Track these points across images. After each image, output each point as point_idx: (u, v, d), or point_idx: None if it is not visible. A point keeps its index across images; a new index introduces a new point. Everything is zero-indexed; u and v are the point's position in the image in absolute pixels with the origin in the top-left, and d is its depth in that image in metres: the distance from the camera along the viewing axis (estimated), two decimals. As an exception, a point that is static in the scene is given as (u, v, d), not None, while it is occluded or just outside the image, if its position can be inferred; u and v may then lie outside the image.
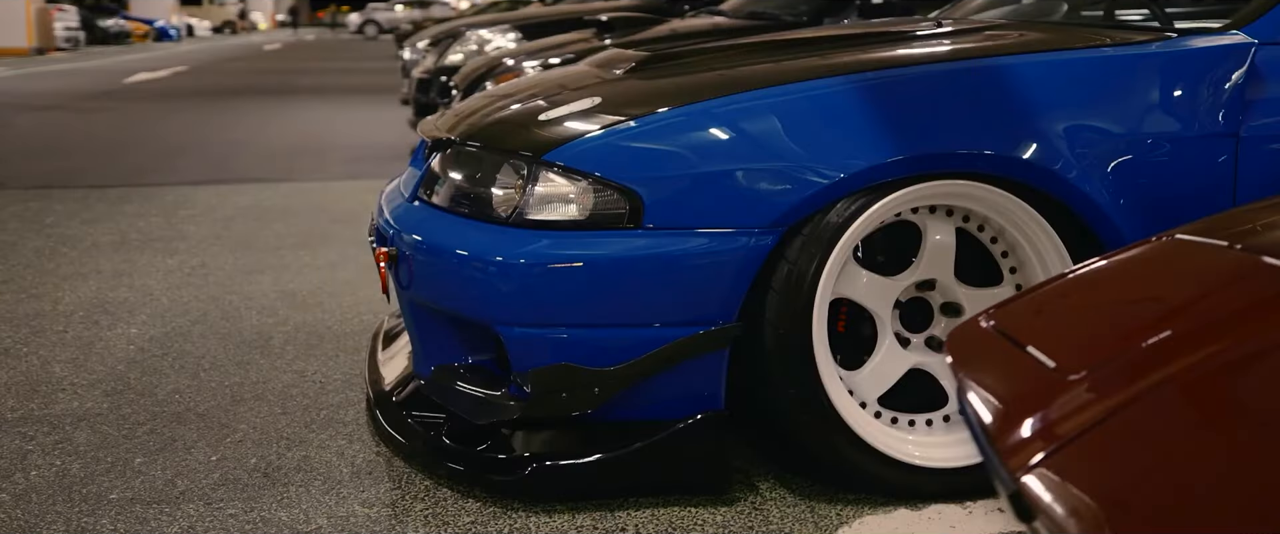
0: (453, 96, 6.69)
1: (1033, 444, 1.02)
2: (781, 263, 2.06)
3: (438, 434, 2.26)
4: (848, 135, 2.07)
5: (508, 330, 2.11)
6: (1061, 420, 1.04)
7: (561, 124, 2.24)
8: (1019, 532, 1.99)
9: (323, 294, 3.74)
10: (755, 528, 2.03)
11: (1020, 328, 1.22)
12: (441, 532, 2.03)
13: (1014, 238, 2.17)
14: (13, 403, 2.70)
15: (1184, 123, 2.17)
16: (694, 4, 6.75)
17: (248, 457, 2.38)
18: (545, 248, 2.07)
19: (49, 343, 3.18)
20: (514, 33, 6.89)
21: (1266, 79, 2.20)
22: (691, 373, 2.08)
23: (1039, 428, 1.05)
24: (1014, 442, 1.03)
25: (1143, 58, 2.20)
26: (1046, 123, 2.11)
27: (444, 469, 2.23)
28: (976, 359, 1.22)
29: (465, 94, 4.89)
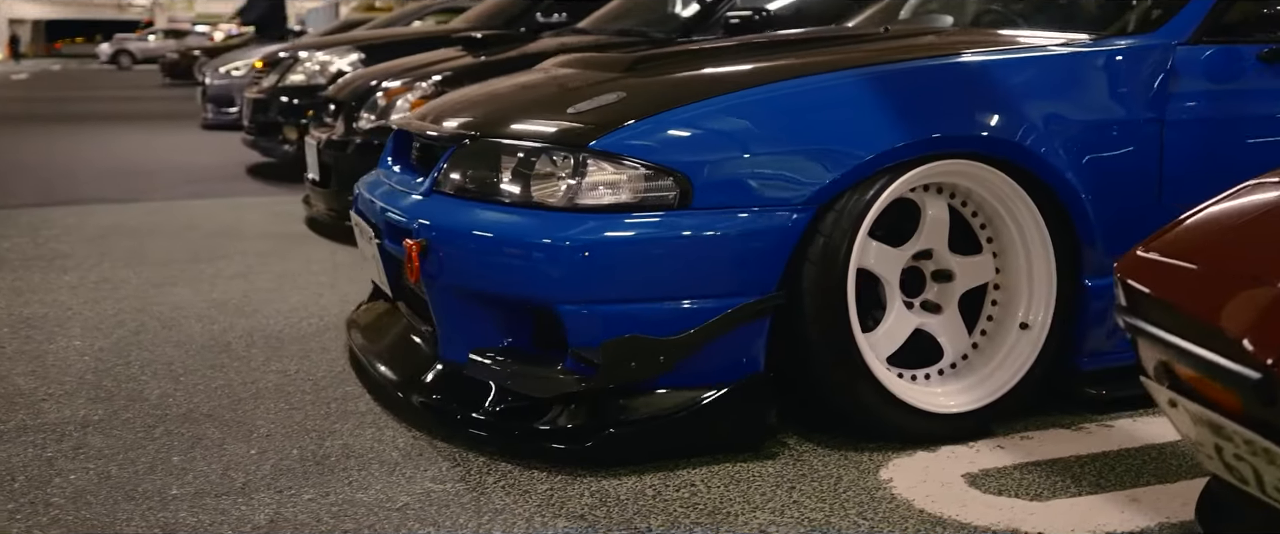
0: (309, 116, 6.64)
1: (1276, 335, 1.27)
2: (816, 237, 2.29)
3: (490, 412, 2.37)
4: (873, 120, 2.33)
5: (568, 308, 2.25)
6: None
7: (597, 116, 2.40)
8: (1023, 462, 2.30)
9: (253, 302, 3.71)
10: (806, 475, 2.25)
11: (1196, 251, 1.49)
12: (523, 499, 2.14)
13: (995, 211, 2.48)
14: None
15: (1125, 109, 2.54)
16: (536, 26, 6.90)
17: (288, 448, 2.41)
18: (605, 230, 2.24)
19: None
20: (356, 54, 6.87)
21: (1182, 74, 2.60)
22: (739, 340, 2.29)
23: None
24: (1256, 334, 1.28)
25: (1092, 55, 2.57)
26: (1025, 109, 2.43)
27: (501, 444, 2.35)
28: (1165, 279, 1.48)
29: (347, 110, 4.90)
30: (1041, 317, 2.48)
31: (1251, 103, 2.68)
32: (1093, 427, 2.52)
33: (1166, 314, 1.46)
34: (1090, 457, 2.35)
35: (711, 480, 2.22)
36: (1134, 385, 2.59)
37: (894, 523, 2.03)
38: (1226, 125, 2.65)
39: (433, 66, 4.85)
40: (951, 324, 2.50)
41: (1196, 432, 1.51)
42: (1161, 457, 2.35)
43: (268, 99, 7.00)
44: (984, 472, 2.27)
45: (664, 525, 2.03)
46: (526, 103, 2.71)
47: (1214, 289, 1.43)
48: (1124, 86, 2.56)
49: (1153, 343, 1.50)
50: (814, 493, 2.16)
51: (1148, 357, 1.55)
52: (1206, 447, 1.52)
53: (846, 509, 2.09)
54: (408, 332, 2.85)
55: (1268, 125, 2.68)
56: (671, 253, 2.24)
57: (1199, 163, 2.60)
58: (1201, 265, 1.47)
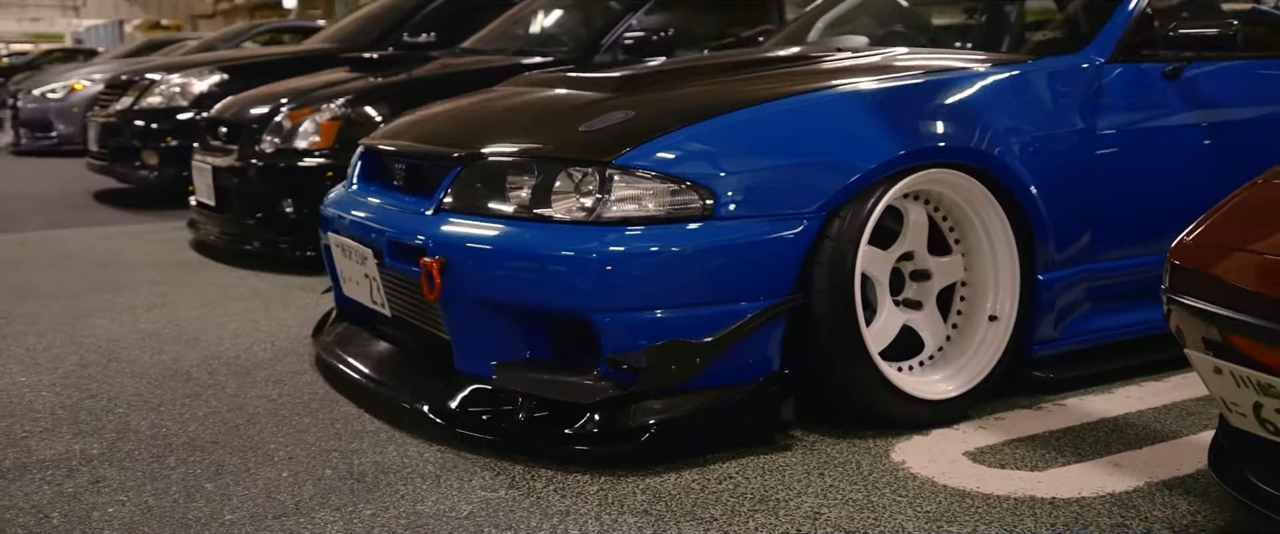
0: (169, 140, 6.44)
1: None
2: (826, 241, 2.48)
3: (519, 421, 2.46)
4: (873, 133, 2.55)
5: (602, 317, 2.37)
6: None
7: (614, 133, 2.53)
8: (1008, 440, 2.55)
9: (189, 331, 3.64)
10: (829, 462, 2.43)
11: (1242, 235, 1.74)
12: (581, 501, 2.24)
13: (964, 214, 2.73)
14: (-15, 455, 2.52)
15: (1067, 120, 2.85)
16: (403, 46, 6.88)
17: (318, 469, 2.43)
18: (637, 242, 2.37)
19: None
20: (217, 76, 6.70)
21: (1106, 90, 2.93)
22: (759, 340, 2.45)
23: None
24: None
25: (1041, 72, 2.86)
26: (991, 122, 2.70)
27: (535, 451, 2.44)
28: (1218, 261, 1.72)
29: (247, 133, 4.80)
30: (1007, 309, 2.75)
31: (1160, 113, 3.03)
32: (1049, 406, 2.80)
33: (1219, 290, 1.71)
34: (1061, 431, 2.62)
35: (746, 472, 2.38)
36: (1077, 368, 2.92)
37: (927, 498, 2.24)
38: (1141, 134, 2.99)
39: (334, 88, 4.82)
40: (932, 319, 2.74)
41: (1238, 393, 1.76)
42: (1119, 428, 2.64)
43: (121, 123, 6.74)
44: (979, 449, 2.51)
45: (726, 514, 2.17)
46: (526, 122, 2.80)
47: (1263, 267, 1.68)
48: (1065, 100, 2.86)
49: (1201, 317, 1.75)
50: (844, 477, 2.35)
51: (1192, 331, 1.80)
52: (1243, 406, 1.78)
53: (880, 489, 2.28)
54: (403, 349, 2.89)
55: (1173, 133, 3.04)
56: (699, 261, 2.39)
57: (1121, 167, 2.92)
58: (1250, 248, 1.73)
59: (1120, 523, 2.11)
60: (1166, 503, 2.20)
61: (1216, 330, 1.74)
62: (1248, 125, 3.15)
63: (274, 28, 11.41)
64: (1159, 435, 2.58)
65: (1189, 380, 2.96)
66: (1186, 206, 3.02)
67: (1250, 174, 3.14)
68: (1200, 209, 3.05)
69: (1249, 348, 1.70)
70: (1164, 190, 3.00)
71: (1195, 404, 2.80)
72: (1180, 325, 1.83)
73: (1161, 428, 2.63)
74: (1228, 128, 3.10)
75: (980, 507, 2.19)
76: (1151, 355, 3.00)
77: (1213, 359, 1.77)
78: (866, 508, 2.19)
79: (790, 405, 2.52)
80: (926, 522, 2.13)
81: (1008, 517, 2.15)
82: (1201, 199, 3.05)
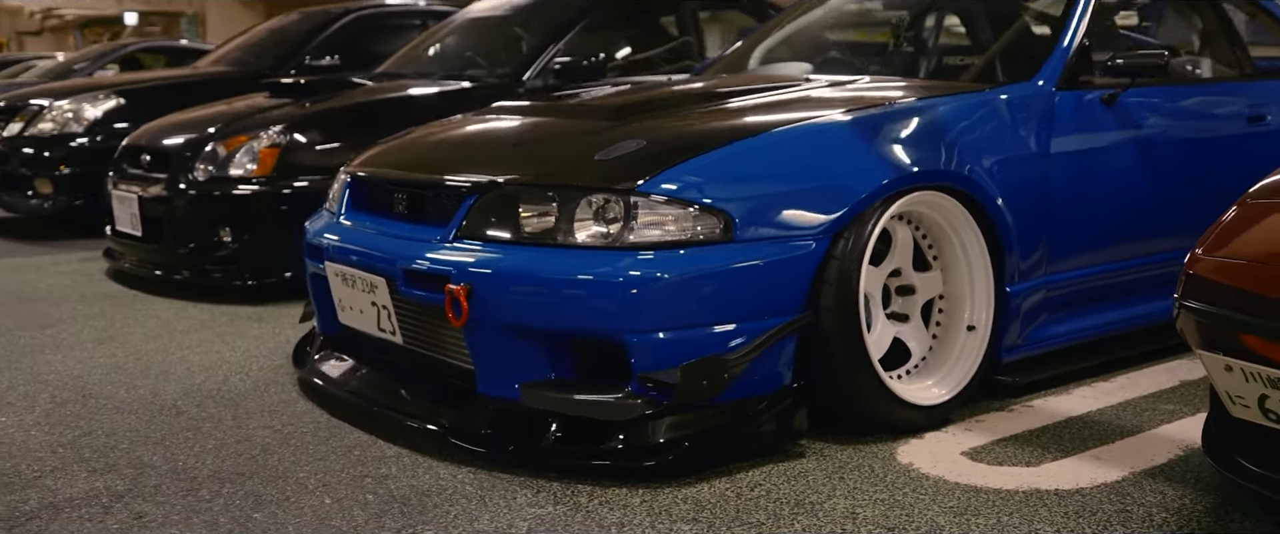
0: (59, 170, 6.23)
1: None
2: (832, 261, 2.65)
3: (550, 441, 2.56)
4: (873, 158, 2.74)
5: (633, 337, 2.49)
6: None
7: (632, 161, 2.65)
8: (996, 439, 2.77)
9: (154, 365, 3.59)
10: (845, 466, 2.60)
11: (1254, 250, 1.98)
12: (630, 513, 2.35)
13: (943, 232, 2.95)
14: (8, 498, 2.47)
15: (1025, 142, 3.10)
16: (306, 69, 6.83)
17: (358, 495, 2.47)
18: (664, 265, 2.50)
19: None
20: (113, 101, 6.53)
21: (1059, 114, 3.20)
22: (775, 355, 2.61)
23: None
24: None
25: (1004, 99, 3.11)
26: (968, 145, 2.93)
27: (569, 468, 2.54)
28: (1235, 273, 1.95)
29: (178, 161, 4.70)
30: (984, 319, 2.98)
31: (1098, 136, 3.31)
32: (1019, 407, 3.04)
33: (1233, 296, 1.95)
34: (1039, 430, 2.85)
35: (771, 479, 2.53)
36: (1038, 372, 3.17)
37: (945, 495, 2.43)
38: (1083, 155, 3.26)
39: (267, 115, 4.78)
40: (918, 331, 2.94)
41: (1245, 387, 2.00)
42: (1088, 425, 2.89)
43: (9, 150, 6.48)
44: (974, 449, 2.72)
45: (770, 519, 2.32)
46: (534, 150, 2.90)
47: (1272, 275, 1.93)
48: (1023, 125, 3.11)
49: (1215, 320, 1.99)
50: (864, 479, 2.52)
51: (1204, 333, 2.03)
52: (1248, 398, 2.02)
53: (902, 489, 2.46)
54: (404, 375, 2.94)
55: (1110, 153, 3.33)
56: (721, 282, 2.54)
57: (1069, 186, 3.19)
58: (1259, 259, 1.97)
59: (1123, 509, 2.34)
60: (1155, 490, 2.44)
61: (1229, 332, 1.98)
62: (1176, 145, 3.47)
63: (148, 48, 11.06)
64: (1125, 430, 2.84)
65: (1132, 381, 3.24)
66: (1123, 220, 3.35)
67: (1179, 189, 3.48)
68: (1135, 222, 3.38)
69: (1259, 346, 1.94)
70: (1104, 206, 3.28)
71: (1144, 401, 3.07)
72: (1191, 328, 2.07)
73: (1124, 423, 2.89)
74: (1158, 147, 3.41)
75: (996, 501, 2.40)
76: (1102, 358, 3.29)
77: (1224, 358, 2.01)
78: (896, 506, 2.37)
79: (803, 415, 2.68)
80: (954, 516, 2.32)
81: (1024, 508, 2.35)
82: (1136, 214, 3.39)
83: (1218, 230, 2.11)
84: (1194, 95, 3.65)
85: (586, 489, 2.48)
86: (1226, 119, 3.68)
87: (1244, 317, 1.94)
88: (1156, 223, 3.43)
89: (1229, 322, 1.97)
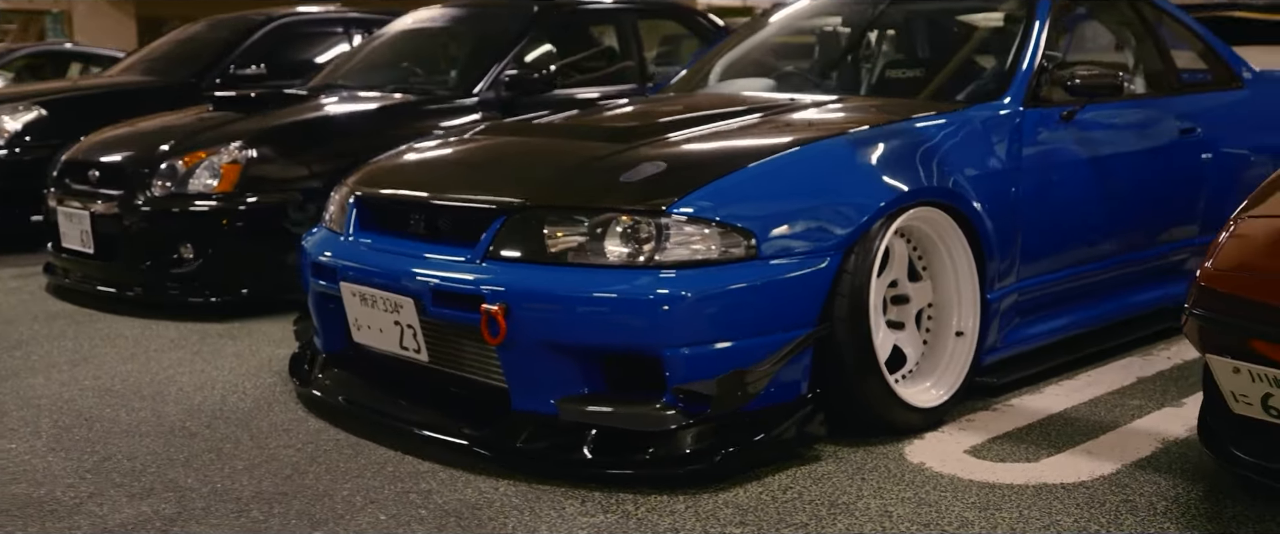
0: None
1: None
2: (845, 275, 2.82)
3: (588, 452, 2.67)
4: (878, 176, 2.92)
5: (669, 352, 2.63)
6: None
7: (657, 184, 2.78)
8: (992, 437, 2.98)
9: (144, 386, 3.57)
10: (860, 467, 2.77)
11: (1260, 262, 2.20)
12: (677, 519, 2.48)
13: (933, 244, 3.14)
14: (35, 529, 2.47)
15: (1000, 157, 3.32)
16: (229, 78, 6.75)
17: (411, 509, 2.54)
18: (698, 282, 2.64)
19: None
20: (35, 112, 6.35)
21: (1026, 130, 3.44)
22: (795, 365, 2.77)
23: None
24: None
25: (981, 117, 3.32)
26: (955, 162, 3.13)
27: (614, 478, 2.65)
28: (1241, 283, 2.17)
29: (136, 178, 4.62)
30: (971, 325, 3.18)
31: (1060, 150, 3.56)
32: (1001, 407, 3.25)
33: (1242, 305, 2.18)
34: (1026, 427, 3.07)
35: (800, 482, 2.68)
36: (1015, 372, 3.39)
37: (966, 491, 2.62)
38: (1047, 168, 3.50)
39: (225, 130, 4.74)
40: (913, 338, 3.14)
41: (1250, 386, 2.23)
42: (1068, 421, 3.12)
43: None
44: (974, 447, 2.92)
45: (813, 519, 2.47)
46: (555, 171, 2.98)
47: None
48: (997, 142, 3.33)
49: (1225, 327, 2.22)
50: (886, 479, 2.70)
51: (1214, 338, 2.26)
52: (1252, 396, 2.25)
53: (924, 487, 2.65)
54: (438, 391, 3.01)
55: (1069, 166, 3.57)
56: (748, 297, 2.69)
57: (1035, 197, 3.42)
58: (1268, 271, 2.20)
59: (1127, 500, 2.56)
60: (1150, 480, 2.68)
61: (1239, 337, 2.20)
62: (1123, 156, 3.74)
63: (34, 52, 10.68)
64: (1103, 425, 3.08)
65: (1094, 379, 3.49)
66: (1081, 228, 3.61)
67: (1127, 198, 3.74)
68: (1091, 229, 3.64)
69: (1268, 350, 2.17)
70: (1065, 215, 3.53)
71: (1111, 397, 3.32)
72: (1200, 333, 2.30)
73: (1100, 419, 3.13)
74: (1108, 159, 3.67)
75: (1011, 496, 2.59)
76: (1069, 356, 3.54)
77: (1232, 361, 2.24)
78: (924, 504, 2.55)
79: (820, 421, 2.84)
80: (979, 511, 2.51)
81: (1038, 502, 2.56)
82: (1092, 221, 3.65)
83: (1225, 245, 2.35)
84: (1137, 110, 3.93)
85: (627, 497, 2.59)
86: (1163, 132, 3.97)
87: (1254, 324, 2.17)
88: (1109, 229, 3.70)
89: (1239, 328, 2.19)
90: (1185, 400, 3.26)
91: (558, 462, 2.71)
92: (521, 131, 3.48)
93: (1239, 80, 4.49)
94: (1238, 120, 4.30)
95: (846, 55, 4.44)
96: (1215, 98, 4.31)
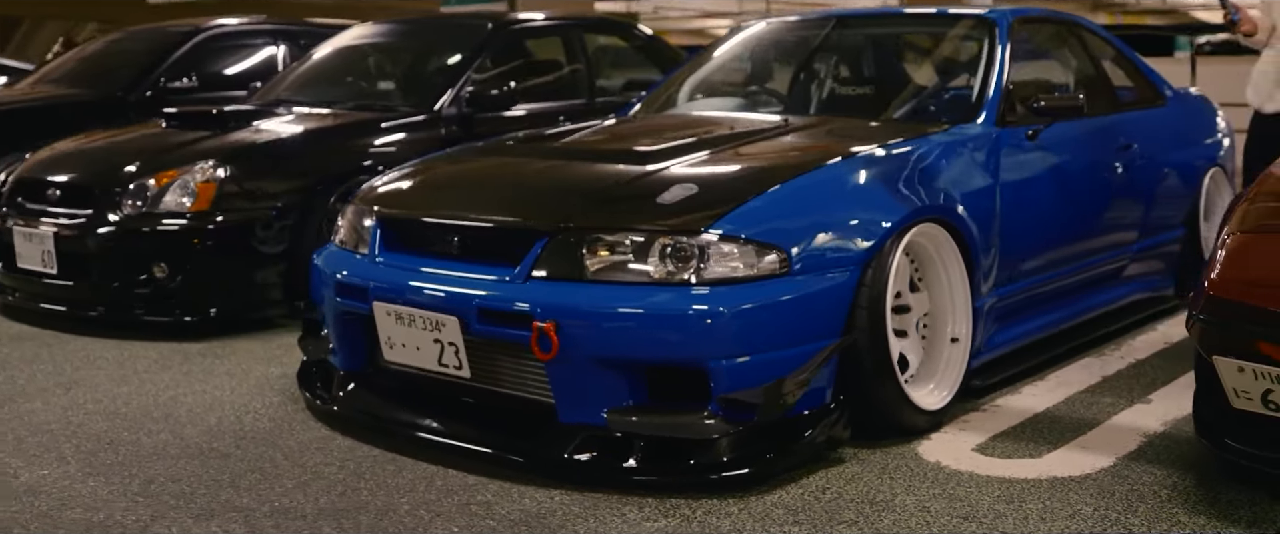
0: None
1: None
2: (863, 288, 3.02)
3: (636, 461, 2.81)
4: (892, 194, 3.14)
5: (716, 363, 2.79)
6: None
7: (695, 204, 2.95)
8: (993, 435, 3.21)
9: (148, 408, 3.57)
10: (885, 467, 2.97)
11: (1266, 271, 2.46)
12: (734, 521, 2.64)
13: (930, 257, 3.37)
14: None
15: (984, 174, 3.58)
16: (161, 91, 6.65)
17: (480, 521, 2.65)
18: (740, 298, 2.81)
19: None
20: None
21: (1001, 149, 3.70)
22: (823, 373, 2.96)
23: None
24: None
25: (970, 138, 3.57)
26: (950, 179, 3.37)
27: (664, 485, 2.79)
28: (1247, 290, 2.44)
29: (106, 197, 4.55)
30: (964, 331, 3.42)
31: (1028, 166, 3.84)
32: (989, 407, 3.50)
33: (1248, 311, 2.44)
34: (1019, 426, 3.32)
35: (836, 482, 2.87)
36: (1000, 373, 3.64)
37: (988, 486, 2.84)
38: (1018, 183, 3.77)
39: (194, 148, 4.71)
40: (914, 344, 3.36)
41: (1252, 384, 2.51)
42: (1055, 419, 3.38)
43: None
44: (980, 445, 3.15)
45: (860, 516, 2.66)
46: (592, 193, 3.11)
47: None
48: (979, 160, 3.59)
49: (1232, 330, 2.48)
50: (914, 477, 2.91)
51: (1218, 342, 2.52)
52: (1253, 393, 2.53)
53: (947, 483, 2.86)
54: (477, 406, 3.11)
55: (1035, 181, 3.85)
56: (784, 310, 2.87)
57: (1009, 210, 3.69)
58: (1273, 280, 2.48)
59: (1133, 489, 2.82)
60: (1146, 471, 2.94)
61: (1245, 340, 2.47)
62: (1077, 171, 4.04)
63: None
64: (1087, 422, 3.34)
65: (1062, 379, 3.77)
66: (1046, 237, 3.89)
67: (1082, 209, 4.05)
68: (1055, 238, 3.92)
69: (1271, 351, 2.44)
70: (1033, 226, 3.80)
71: (1084, 396, 3.60)
72: (1207, 337, 2.56)
73: (1081, 416, 3.40)
74: (1066, 173, 3.97)
75: (1030, 489, 2.83)
76: (1043, 357, 3.82)
77: (1237, 361, 2.51)
78: (955, 499, 2.77)
79: (844, 425, 3.04)
80: (1008, 504, 2.73)
81: (1056, 493, 2.80)
82: (1054, 230, 3.94)
83: (1228, 257, 2.62)
84: (1086, 129, 4.24)
85: (680, 502, 2.74)
86: (1109, 148, 4.30)
87: (1260, 327, 2.44)
88: (1069, 238, 4.00)
89: (1246, 332, 2.46)
90: (1151, 397, 3.56)
91: (607, 471, 2.84)
92: (533, 153, 3.60)
93: (1162, 98, 4.88)
94: (1163, 135, 4.67)
95: (815, 78, 4.66)
96: (1145, 115, 4.68)
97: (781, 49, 4.80)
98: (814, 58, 4.66)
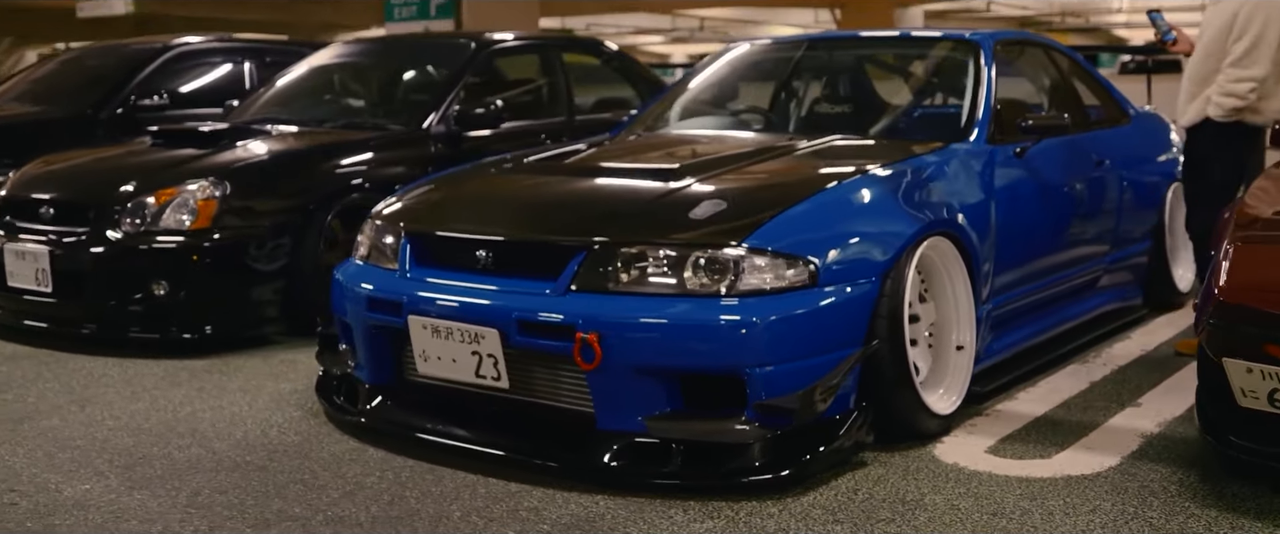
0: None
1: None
2: (883, 298, 3.17)
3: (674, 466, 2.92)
4: (908, 208, 3.30)
5: (752, 371, 2.91)
6: None
7: (726, 219, 3.08)
8: (1002, 437, 3.38)
9: (171, 423, 3.60)
10: (908, 469, 3.11)
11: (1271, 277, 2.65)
12: (780, 520, 2.76)
13: (937, 268, 3.53)
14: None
15: (981, 188, 3.75)
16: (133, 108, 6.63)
17: (535, 526, 2.73)
18: (775, 308, 2.95)
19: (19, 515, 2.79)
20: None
21: (995, 165, 3.89)
22: (849, 380, 3.09)
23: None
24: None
25: (968, 153, 3.75)
26: (955, 194, 3.54)
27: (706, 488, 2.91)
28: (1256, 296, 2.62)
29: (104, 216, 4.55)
30: (969, 339, 3.59)
31: (1018, 181, 4.02)
32: (991, 412, 3.66)
33: (1257, 315, 2.63)
34: (1024, 429, 3.48)
35: (864, 484, 3.01)
36: (996, 379, 3.82)
37: (1008, 485, 2.99)
38: (1010, 198, 3.96)
39: (191, 166, 4.72)
40: (923, 352, 3.51)
41: (1260, 384, 2.69)
42: (1055, 422, 3.55)
43: None
44: (991, 447, 3.31)
45: (896, 514, 2.80)
46: (629, 212, 3.22)
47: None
48: (978, 176, 3.77)
49: (1242, 334, 2.66)
50: (939, 478, 3.05)
51: (1228, 344, 2.70)
52: (1260, 392, 2.71)
53: (970, 482, 3.01)
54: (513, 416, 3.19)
55: (1024, 195, 4.04)
56: (814, 319, 3.01)
57: (1003, 223, 3.88)
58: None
59: (1143, 486, 3.00)
60: (1152, 469, 3.12)
61: (1255, 342, 2.66)
62: (1059, 185, 4.24)
63: None
64: (1086, 425, 3.52)
65: (1053, 385, 3.94)
66: (1035, 249, 4.08)
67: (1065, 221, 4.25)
68: (1042, 250, 4.12)
69: (1277, 352, 2.63)
70: (1024, 238, 3.99)
71: (1077, 400, 3.78)
72: (1217, 340, 2.74)
73: (1080, 420, 3.58)
74: (1049, 188, 4.17)
75: (1049, 487, 2.99)
76: (1037, 362, 4.00)
77: (1245, 362, 2.69)
78: (981, 498, 2.92)
79: (868, 429, 3.18)
80: (1031, 501, 2.89)
81: (1073, 491, 2.96)
82: (1042, 243, 4.13)
83: (1235, 264, 2.81)
84: (1066, 146, 4.45)
85: (721, 504, 2.86)
86: (1086, 164, 4.51)
87: (1269, 331, 2.62)
88: (1055, 249, 4.20)
89: (1254, 334, 2.65)
90: (1140, 401, 3.75)
91: (647, 476, 2.95)
92: (553, 171, 3.71)
93: (1127, 116, 5.12)
94: (1130, 152, 4.90)
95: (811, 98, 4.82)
96: (1114, 133, 4.91)
97: (772, 70, 4.94)
98: (810, 79, 4.84)
